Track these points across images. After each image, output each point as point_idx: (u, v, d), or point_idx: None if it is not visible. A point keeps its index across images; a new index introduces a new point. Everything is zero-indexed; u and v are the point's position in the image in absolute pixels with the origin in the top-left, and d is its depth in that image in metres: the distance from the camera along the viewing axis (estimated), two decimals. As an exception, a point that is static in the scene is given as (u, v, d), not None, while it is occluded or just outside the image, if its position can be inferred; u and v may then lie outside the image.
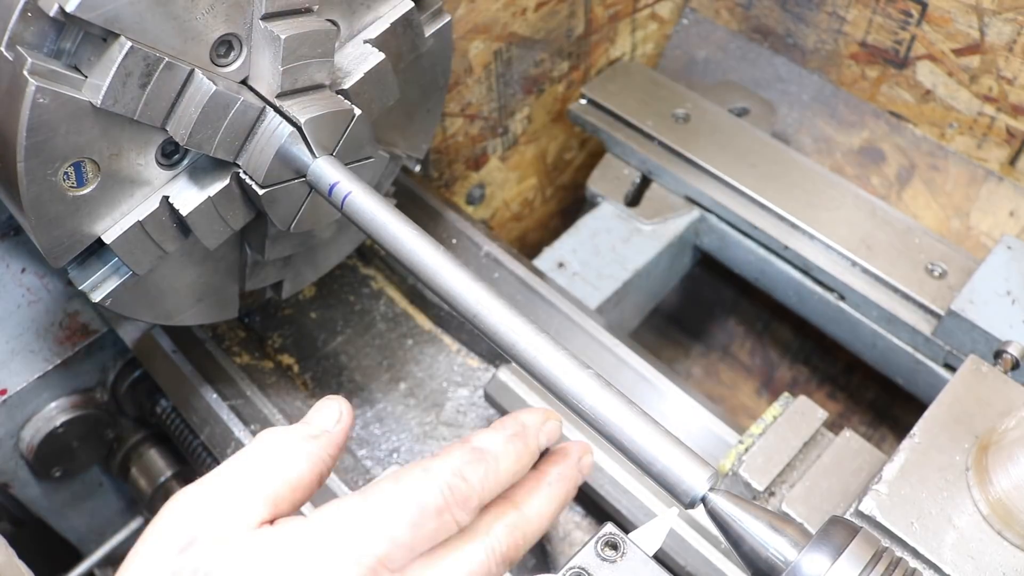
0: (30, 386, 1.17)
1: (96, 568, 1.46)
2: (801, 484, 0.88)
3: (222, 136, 0.78)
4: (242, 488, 0.55)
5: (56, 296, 1.19)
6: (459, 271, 0.70)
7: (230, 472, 0.56)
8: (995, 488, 0.74)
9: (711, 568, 0.94)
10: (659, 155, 1.40)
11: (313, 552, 0.50)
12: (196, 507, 0.54)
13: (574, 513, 1.09)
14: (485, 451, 0.56)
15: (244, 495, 0.54)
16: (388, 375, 1.18)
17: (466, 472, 0.54)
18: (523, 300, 1.15)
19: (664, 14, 1.68)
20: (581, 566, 0.65)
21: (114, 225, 0.80)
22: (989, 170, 1.45)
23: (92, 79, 0.71)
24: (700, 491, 0.60)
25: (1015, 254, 1.15)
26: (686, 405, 1.04)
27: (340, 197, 0.76)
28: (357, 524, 0.51)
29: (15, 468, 1.25)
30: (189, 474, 1.41)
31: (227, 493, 0.54)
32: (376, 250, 1.28)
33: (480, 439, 0.57)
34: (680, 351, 1.85)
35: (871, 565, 0.57)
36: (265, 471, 0.56)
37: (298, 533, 0.52)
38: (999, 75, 1.34)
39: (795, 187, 1.33)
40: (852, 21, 1.46)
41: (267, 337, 1.21)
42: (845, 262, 1.26)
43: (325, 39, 0.79)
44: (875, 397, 1.67)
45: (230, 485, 0.55)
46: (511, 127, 1.56)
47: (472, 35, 1.34)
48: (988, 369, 0.85)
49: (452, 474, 0.53)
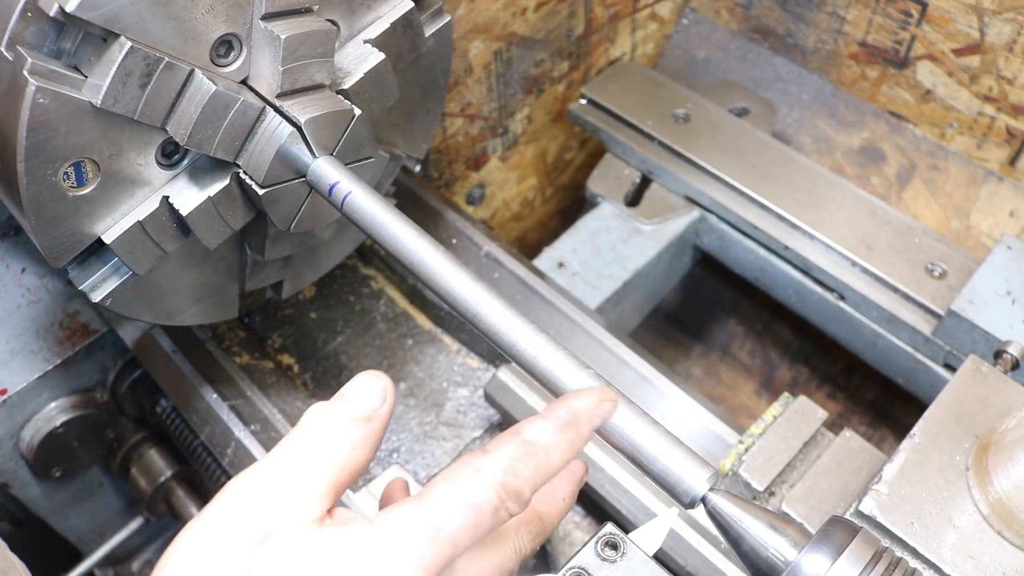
0: (30, 386, 1.18)
1: (96, 568, 1.46)
2: (801, 484, 0.88)
3: (222, 136, 0.78)
4: (304, 478, 0.54)
5: (56, 296, 1.19)
6: (459, 271, 0.70)
7: (289, 459, 0.55)
8: (995, 488, 0.74)
9: (711, 568, 0.94)
10: (659, 155, 1.40)
11: (379, 555, 0.51)
12: (258, 497, 0.53)
13: (574, 513, 1.09)
14: (536, 444, 0.56)
15: (307, 486, 0.54)
16: (388, 375, 1.18)
17: (518, 468, 0.54)
18: (523, 300, 1.15)
19: (664, 14, 1.68)
20: (581, 566, 0.65)
21: (114, 225, 0.80)
22: (989, 170, 1.45)
23: (92, 79, 0.71)
24: (700, 491, 0.60)
25: (1015, 254, 1.15)
26: (686, 405, 1.04)
27: (340, 197, 0.76)
28: (420, 528, 0.52)
29: (15, 468, 1.25)
30: (189, 474, 1.41)
31: (290, 483, 0.54)
32: (376, 250, 1.28)
33: (531, 431, 0.56)
34: (680, 351, 1.85)
35: (871, 565, 0.57)
36: (324, 459, 0.55)
37: (365, 536, 0.52)
38: (999, 75, 1.34)
39: (795, 187, 1.33)
40: (852, 21, 1.46)
41: (267, 337, 1.21)
42: (845, 262, 1.26)
43: (325, 39, 0.79)
44: (875, 397, 1.67)
45: (291, 474, 0.54)
46: (511, 127, 1.56)
47: (472, 35, 1.34)
48: (988, 369, 0.85)
49: (504, 472, 0.53)
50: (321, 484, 0.54)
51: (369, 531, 0.52)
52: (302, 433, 0.57)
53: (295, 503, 0.53)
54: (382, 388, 0.60)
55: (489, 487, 0.53)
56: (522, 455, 0.55)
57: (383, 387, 0.60)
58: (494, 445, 0.55)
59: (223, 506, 0.53)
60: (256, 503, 0.53)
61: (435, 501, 0.53)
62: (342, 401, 0.59)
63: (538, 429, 0.56)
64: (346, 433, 0.56)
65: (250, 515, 0.52)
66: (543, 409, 0.58)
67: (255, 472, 0.55)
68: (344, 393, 0.60)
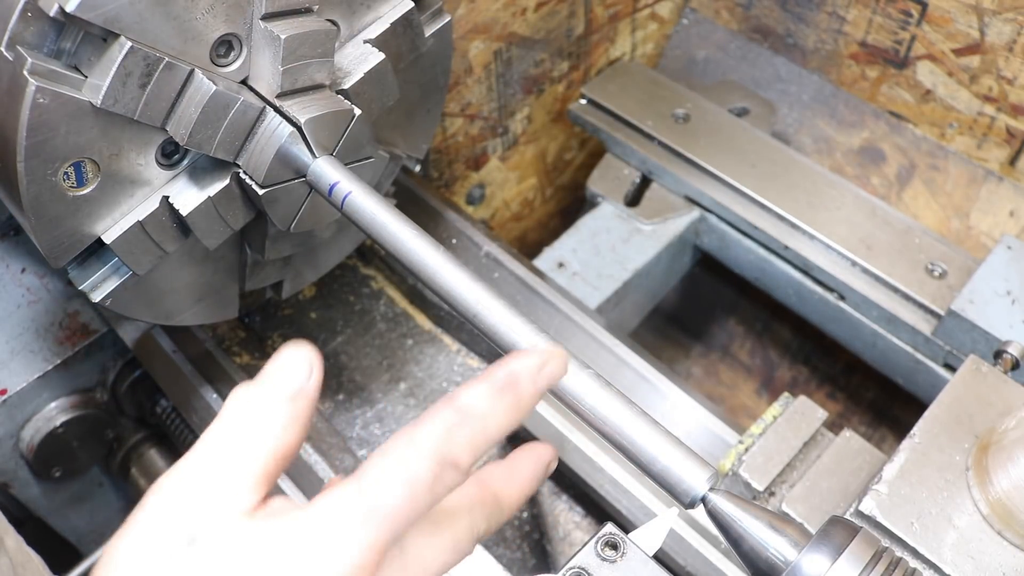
0: (30, 386, 1.17)
1: (96, 568, 1.46)
2: (801, 484, 0.88)
3: (222, 136, 0.78)
4: (231, 469, 0.52)
5: (56, 296, 1.19)
6: (459, 271, 0.70)
7: (214, 451, 0.53)
8: (995, 488, 0.74)
9: (711, 568, 0.94)
10: (659, 155, 1.40)
11: (315, 544, 0.49)
12: (186, 495, 0.51)
13: (574, 513, 1.09)
14: (471, 410, 0.52)
15: (235, 477, 0.51)
16: (388, 375, 1.18)
17: (453, 436, 0.51)
18: (523, 300, 1.15)
19: (664, 14, 1.68)
20: (581, 566, 0.65)
21: (114, 225, 0.80)
22: (989, 170, 1.45)
23: (92, 79, 0.71)
24: (700, 491, 0.60)
25: (1015, 254, 1.15)
26: (686, 405, 1.04)
27: (340, 197, 0.76)
28: (356, 510, 0.49)
29: (15, 468, 1.25)
30: (189, 474, 1.41)
31: (216, 476, 0.51)
32: (376, 250, 1.28)
33: (466, 396, 0.53)
34: (680, 351, 1.85)
35: (871, 565, 0.57)
36: (252, 445, 0.53)
37: (299, 525, 0.50)
38: (999, 75, 1.34)
39: (795, 187, 1.33)
40: (852, 21, 1.46)
41: (267, 337, 1.21)
42: (845, 262, 1.26)
43: (325, 39, 0.79)
44: (875, 397, 1.67)
45: (217, 466, 0.52)
46: (511, 127, 1.56)
47: (472, 35, 1.34)
48: (988, 369, 0.85)
49: (438, 441, 0.50)
50: (250, 474, 0.51)
51: (303, 519, 0.50)
52: (225, 421, 0.54)
53: (223, 497, 0.50)
54: (306, 361, 0.56)
55: (423, 459, 0.50)
56: (457, 422, 0.51)
57: (307, 360, 0.56)
58: (428, 413, 0.52)
59: (149, 510, 0.51)
60: (182, 502, 0.51)
61: (370, 479, 0.50)
62: (265, 381, 0.56)
63: (474, 394, 0.53)
64: (274, 415, 0.54)
65: (177, 516, 0.50)
66: (481, 373, 0.54)
67: (179, 470, 0.52)
68: (267, 371, 0.56)
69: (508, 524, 1.11)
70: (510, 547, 1.10)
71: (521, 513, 1.12)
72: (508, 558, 1.09)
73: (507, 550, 1.10)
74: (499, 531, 1.10)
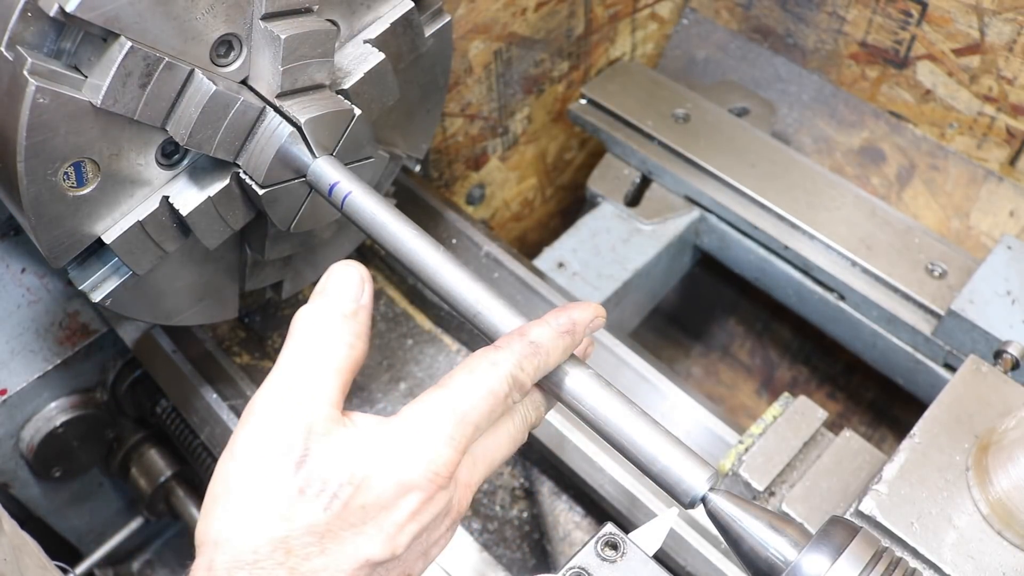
0: (30, 386, 1.18)
1: (96, 568, 1.46)
2: (801, 484, 0.88)
3: (222, 136, 0.78)
4: (316, 385, 0.58)
5: (56, 296, 1.19)
6: (459, 271, 0.70)
7: (296, 369, 0.59)
8: (995, 488, 0.74)
9: (711, 568, 0.94)
10: (659, 155, 1.40)
11: (416, 437, 0.58)
12: (281, 414, 0.57)
13: (574, 513, 1.09)
14: (540, 345, 0.63)
15: (320, 392, 0.58)
16: (388, 375, 1.18)
17: (524, 364, 0.62)
18: (523, 300, 1.15)
19: (664, 14, 1.68)
20: (581, 566, 0.65)
21: (114, 225, 0.80)
22: (989, 170, 1.45)
23: (92, 79, 0.71)
24: (700, 491, 0.60)
25: (1015, 254, 1.15)
26: (686, 405, 1.04)
27: (340, 197, 0.76)
28: (447, 413, 0.59)
29: (15, 468, 1.25)
30: (189, 474, 1.41)
31: (307, 393, 0.58)
32: (376, 250, 1.28)
33: (536, 332, 0.63)
34: (680, 351, 1.85)
35: (871, 565, 0.57)
36: (328, 363, 0.60)
37: (398, 424, 0.58)
38: (999, 75, 1.34)
39: (795, 187, 1.33)
40: (852, 21, 1.46)
41: (267, 337, 1.21)
42: (845, 262, 1.26)
43: (325, 39, 0.79)
44: (875, 397, 1.67)
45: (303, 383, 0.58)
46: (511, 127, 1.56)
47: (472, 35, 1.34)
48: (988, 369, 0.85)
49: (514, 366, 0.61)
50: (332, 388, 0.59)
51: (399, 421, 0.59)
52: (298, 342, 0.61)
53: (314, 412, 0.57)
54: (359, 277, 0.64)
55: (502, 377, 0.61)
56: (528, 353, 0.62)
57: (359, 276, 0.64)
58: (504, 342, 0.63)
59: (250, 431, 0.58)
60: (280, 420, 0.57)
61: (458, 389, 0.60)
62: (326, 298, 0.63)
63: (542, 332, 0.64)
64: (340, 332, 0.61)
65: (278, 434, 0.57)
66: (546, 314, 0.66)
67: (268, 390, 0.59)
68: (325, 289, 0.63)
69: (508, 524, 1.11)
70: (510, 547, 1.10)
71: (521, 513, 1.12)
72: (508, 558, 1.09)
73: (507, 550, 1.10)
74: (499, 531, 1.11)
